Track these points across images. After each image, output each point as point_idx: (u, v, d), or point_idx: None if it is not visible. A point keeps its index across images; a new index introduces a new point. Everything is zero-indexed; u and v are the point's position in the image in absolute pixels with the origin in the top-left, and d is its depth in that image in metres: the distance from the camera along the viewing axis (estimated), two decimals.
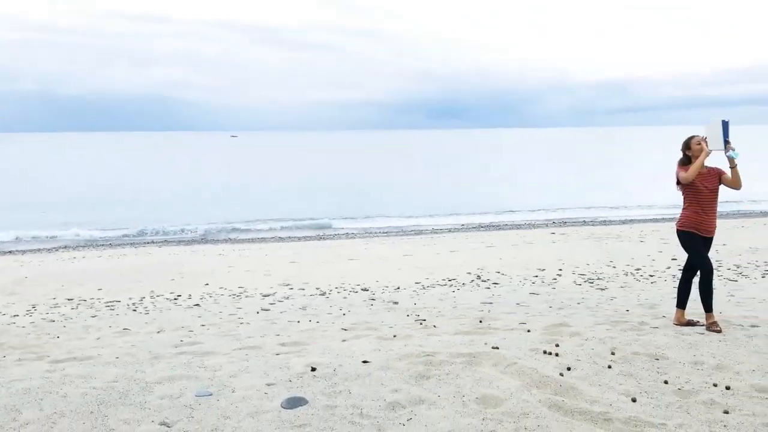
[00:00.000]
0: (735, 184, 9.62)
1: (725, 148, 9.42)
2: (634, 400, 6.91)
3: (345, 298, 15.77)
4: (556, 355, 8.39)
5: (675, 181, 9.85)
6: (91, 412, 7.05)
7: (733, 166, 9.59)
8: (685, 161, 9.70)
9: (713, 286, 9.62)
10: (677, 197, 10.01)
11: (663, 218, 34.54)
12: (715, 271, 13.40)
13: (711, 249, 9.82)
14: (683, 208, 9.84)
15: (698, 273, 9.70)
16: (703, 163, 9.53)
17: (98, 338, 12.30)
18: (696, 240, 9.61)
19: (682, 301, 9.97)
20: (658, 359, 8.15)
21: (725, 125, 9.41)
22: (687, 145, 9.71)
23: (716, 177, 9.71)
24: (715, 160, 9.65)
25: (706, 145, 9.53)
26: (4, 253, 28.99)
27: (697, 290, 9.64)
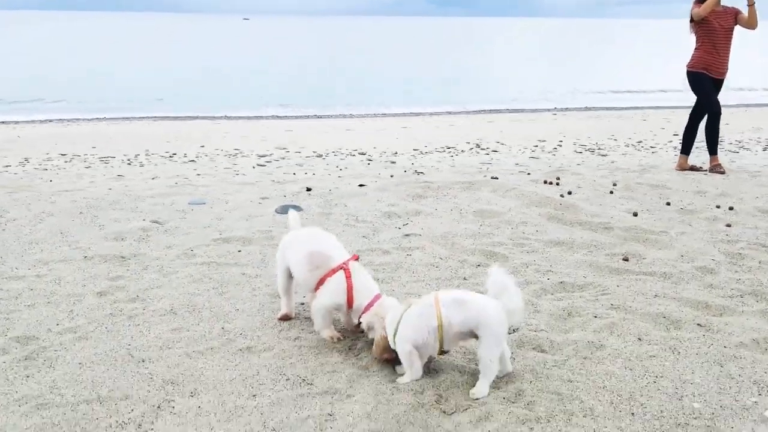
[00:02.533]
0: (751, 23, 9.18)
1: None
2: (635, 215, 6.78)
3: (342, 159, 15.55)
4: (557, 184, 8.22)
5: (689, 20, 9.38)
6: (80, 213, 6.92)
7: (750, 4, 9.11)
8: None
9: (719, 130, 9.35)
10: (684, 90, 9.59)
11: (666, 107, 33.94)
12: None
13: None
14: (695, 49, 9.42)
15: (705, 117, 9.41)
16: (718, 1, 9.07)
17: (92, 181, 12.08)
18: (706, 81, 9.26)
19: (686, 147, 9.73)
20: (660, 187, 7.98)
21: None
22: None
23: (732, 16, 9.24)
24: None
25: None
26: None
27: (703, 135, 9.37)
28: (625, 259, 5.50)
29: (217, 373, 3.82)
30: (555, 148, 17.91)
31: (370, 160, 15.41)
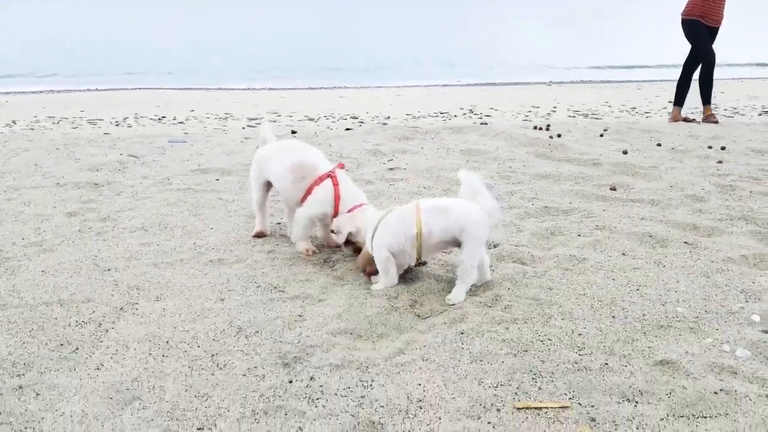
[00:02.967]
0: None
1: None
2: (625, 153, 6.63)
3: (333, 122, 15.37)
4: (547, 129, 8.05)
5: None
6: (57, 149, 6.75)
7: None
8: None
9: (713, 79, 9.18)
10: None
11: (662, 80, 33.68)
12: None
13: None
14: None
15: (699, 67, 9.23)
16: None
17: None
18: (701, 29, 9.07)
19: (679, 98, 9.56)
20: (651, 132, 7.83)
21: None
22: None
23: None
24: None
25: None
26: None
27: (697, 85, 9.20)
28: (613, 189, 5.36)
29: (185, 280, 3.68)
30: (548, 114, 17.76)
31: (362, 122, 15.27)
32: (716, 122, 8.86)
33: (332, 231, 3.87)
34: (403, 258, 3.60)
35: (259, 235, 4.31)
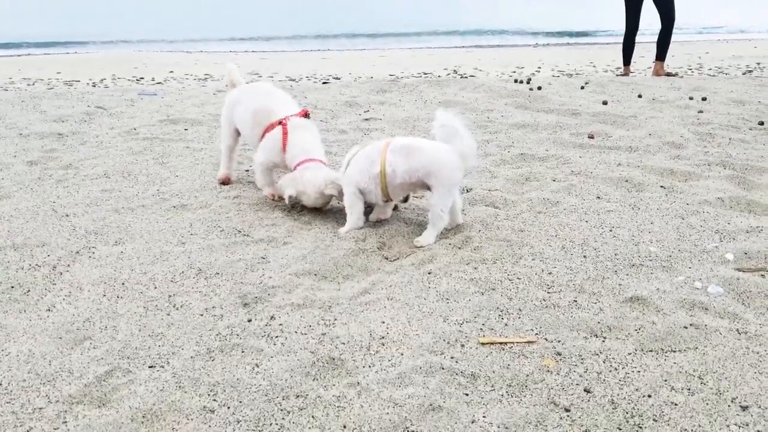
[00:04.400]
0: None
1: None
2: (605, 103, 6.52)
3: (315, 83, 15.13)
4: (528, 82, 7.91)
5: None
6: (22, 101, 6.54)
7: None
8: None
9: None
10: None
11: (649, 42, 33.47)
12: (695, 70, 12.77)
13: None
14: None
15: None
16: None
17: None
18: None
19: (661, 54, 9.43)
20: (632, 84, 7.72)
21: None
22: None
23: None
24: None
25: None
26: None
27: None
28: (591, 137, 5.26)
29: (145, 225, 3.55)
30: (533, 74, 17.63)
31: (345, 85, 15.08)
32: (674, 75, 8.76)
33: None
34: (370, 197, 3.48)
35: (224, 180, 4.17)
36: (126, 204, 3.82)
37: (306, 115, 3.88)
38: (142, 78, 17.09)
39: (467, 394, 2.17)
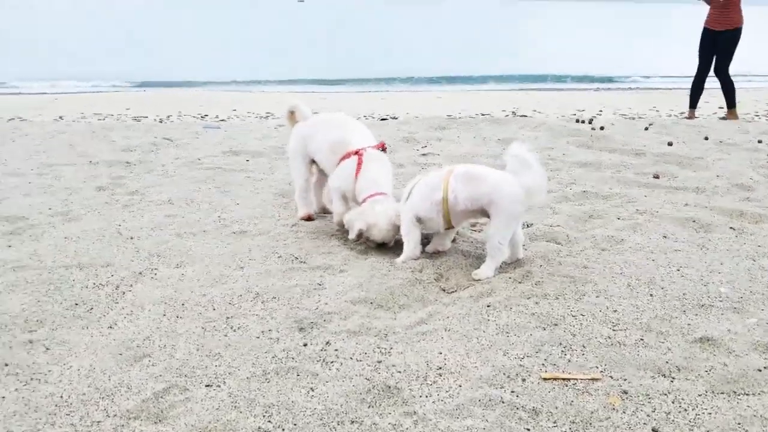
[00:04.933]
0: None
1: None
2: (670, 144, 6.37)
3: (372, 120, 15.32)
4: (590, 122, 7.81)
5: None
6: (93, 132, 6.80)
7: None
8: None
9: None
10: None
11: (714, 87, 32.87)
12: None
13: None
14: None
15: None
16: None
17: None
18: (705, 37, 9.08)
19: (729, 102, 9.27)
20: (699, 126, 7.53)
21: None
22: None
23: None
24: None
25: None
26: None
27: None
28: (656, 177, 5.13)
29: (206, 250, 3.60)
30: (594, 116, 17.45)
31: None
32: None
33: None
34: (432, 224, 3.45)
35: (307, 218, 4.14)
36: (188, 229, 3.88)
37: (383, 148, 3.89)
38: (206, 115, 17.56)
39: (528, 429, 2.09)
